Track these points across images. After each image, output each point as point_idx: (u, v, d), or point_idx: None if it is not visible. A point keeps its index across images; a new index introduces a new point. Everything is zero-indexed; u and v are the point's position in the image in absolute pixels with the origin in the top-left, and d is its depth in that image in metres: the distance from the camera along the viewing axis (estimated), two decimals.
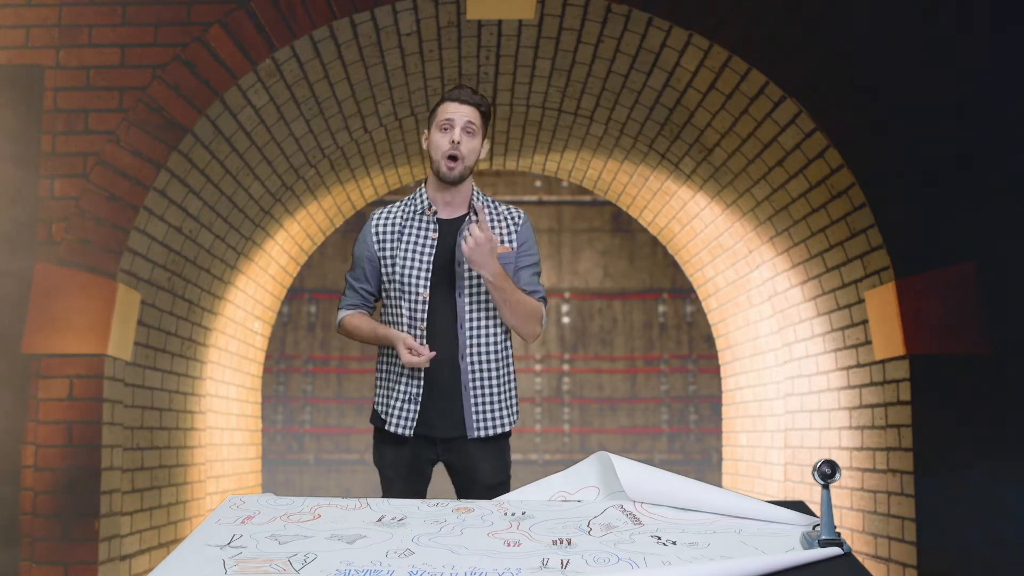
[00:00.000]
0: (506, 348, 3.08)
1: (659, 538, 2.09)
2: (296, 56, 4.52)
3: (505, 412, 3.06)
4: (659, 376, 10.49)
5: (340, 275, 10.48)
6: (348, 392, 10.45)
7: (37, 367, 4.20)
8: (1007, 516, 3.86)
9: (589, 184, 6.87)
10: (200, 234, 4.98)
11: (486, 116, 3.07)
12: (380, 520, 2.22)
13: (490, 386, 3.03)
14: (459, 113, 3.01)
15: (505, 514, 2.28)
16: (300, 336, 10.52)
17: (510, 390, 3.09)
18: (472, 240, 2.86)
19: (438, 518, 2.24)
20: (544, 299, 3.10)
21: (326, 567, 1.91)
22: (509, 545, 2.05)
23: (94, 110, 4.33)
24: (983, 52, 4.16)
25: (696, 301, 8.97)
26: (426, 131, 3.09)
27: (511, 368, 3.11)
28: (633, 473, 2.32)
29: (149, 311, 4.63)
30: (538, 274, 3.12)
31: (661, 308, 10.55)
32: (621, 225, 10.49)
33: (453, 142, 2.99)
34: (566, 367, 10.56)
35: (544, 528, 2.17)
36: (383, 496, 3.05)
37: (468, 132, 3.02)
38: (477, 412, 3.01)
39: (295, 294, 10.26)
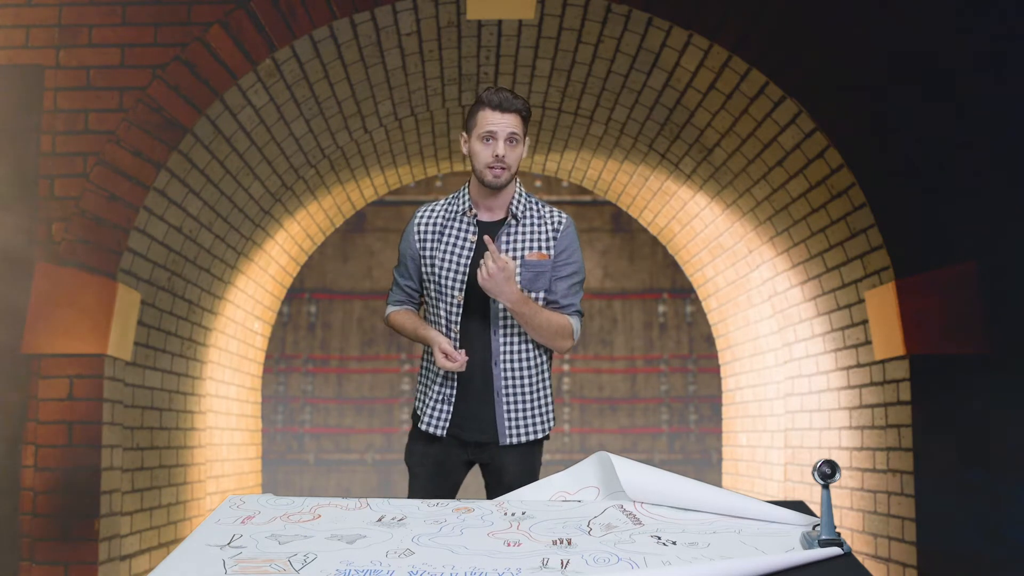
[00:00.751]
0: (541, 355, 3.03)
1: (659, 538, 2.09)
2: (296, 56, 4.52)
3: (539, 419, 3.02)
4: (659, 376, 10.49)
5: (340, 275, 10.49)
6: (348, 392, 10.45)
7: (37, 367, 4.20)
8: (1007, 516, 3.86)
9: (589, 184, 6.87)
10: (200, 234, 4.98)
11: (527, 119, 2.96)
12: (380, 520, 2.22)
13: (523, 393, 2.99)
14: (501, 124, 2.90)
15: (505, 514, 2.28)
16: (300, 336, 10.51)
17: (544, 397, 3.04)
18: (485, 271, 2.80)
19: (438, 518, 2.24)
20: (579, 312, 3.02)
21: (326, 567, 1.91)
22: (509, 545, 2.05)
23: (94, 110, 4.33)
24: (983, 52, 4.16)
25: (696, 301, 8.98)
26: (464, 133, 2.99)
27: (546, 375, 3.05)
28: (633, 473, 2.32)
29: (149, 311, 4.63)
30: (578, 283, 3.02)
31: (661, 308, 10.55)
32: (621, 225, 10.49)
33: (497, 156, 2.90)
34: (566, 367, 10.56)
35: (544, 528, 2.17)
36: (409, 494, 3.04)
37: (511, 142, 2.92)
38: (509, 419, 2.98)
39: (295, 294, 10.26)
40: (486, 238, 2.86)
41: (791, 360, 5.52)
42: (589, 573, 1.90)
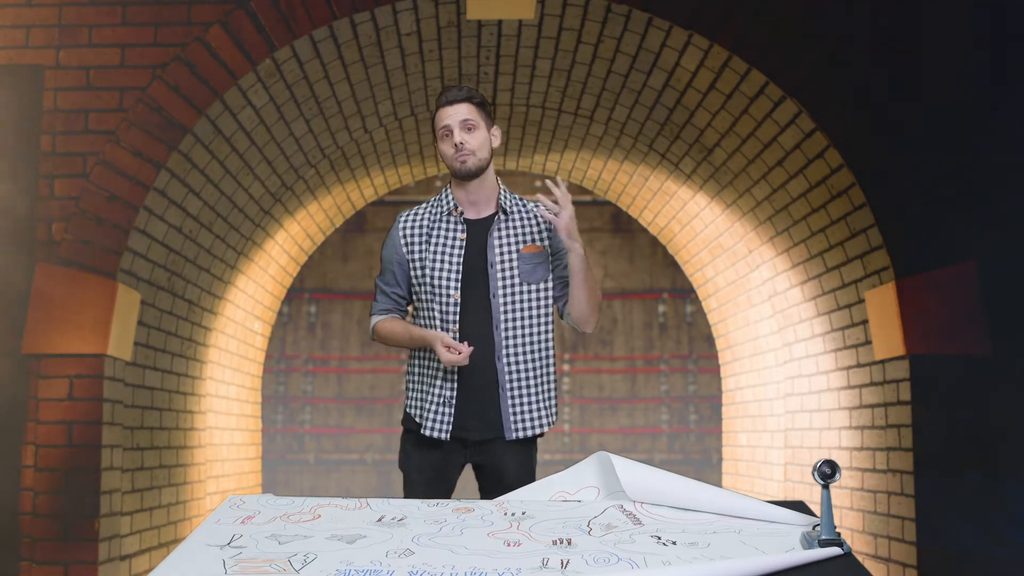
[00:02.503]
0: (547, 347, 3.04)
1: (659, 538, 2.09)
2: (296, 56, 4.52)
3: (543, 412, 3.02)
4: (659, 376, 10.49)
5: (340, 275, 10.49)
6: (348, 392, 10.45)
7: (37, 367, 4.20)
8: (1007, 516, 3.86)
9: (589, 184, 6.86)
10: (200, 234, 4.98)
11: (482, 105, 3.02)
12: (380, 520, 2.22)
13: (528, 386, 3.00)
14: (453, 115, 2.98)
15: (505, 514, 2.28)
16: (300, 336, 10.52)
17: (549, 390, 3.04)
18: (565, 214, 2.84)
19: (438, 518, 2.24)
20: None
21: (326, 567, 1.91)
22: (509, 545, 2.05)
23: (94, 110, 4.33)
24: (983, 52, 4.16)
25: (696, 301, 8.97)
26: (436, 143, 3.07)
27: (551, 368, 3.05)
28: (633, 473, 2.32)
29: (149, 311, 4.63)
30: None
31: (661, 308, 10.55)
32: (621, 225, 10.49)
33: (456, 145, 2.96)
34: (566, 367, 10.56)
35: (544, 528, 2.16)
36: (406, 497, 3.03)
37: (468, 128, 2.98)
38: (515, 413, 2.98)
39: (295, 294, 10.26)
40: (554, 181, 2.93)
41: (791, 360, 5.52)
42: (589, 573, 1.90)
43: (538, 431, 3.02)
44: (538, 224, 3.04)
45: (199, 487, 5.48)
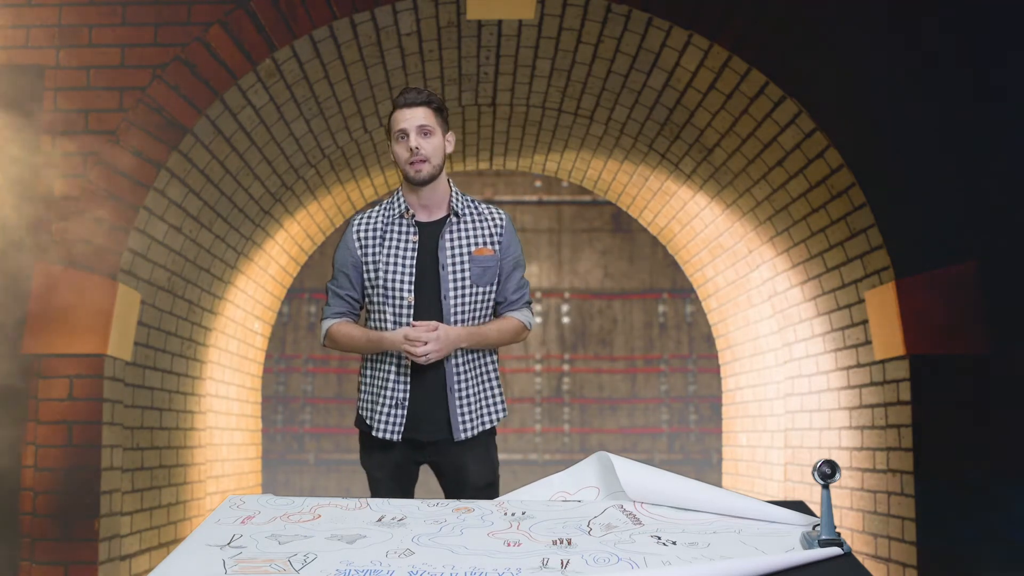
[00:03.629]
0: (493, 349, 3.10)
1: (659, 538, 2.09)
2: (296, 56, 4.52)
3: (489, 409, 3.06)
4: (659, 376, 10.49)
5: None
6: (348, 392, 10.45)
7: (37, 367, 4.20)
8: (1007, 516, 3.86)
9: (589, 184, 6.87)
10: (200, 234, 4.98)
11: (439, 110, 3.02)
12: (380, 520, 2.22)
13: (474, 385, 3.03)
14: (410, 119, 2.96)
15: (505, 514, 2.28)
16: (300, 336, 10.52)
17: (493, 387, 3.09)
18: (422, 349, 2.87)
19: (438, 518, 2.24)
20: (528, 303, 3.13)
21: (326, 567, 1.91)
22: (509, 545, 2.05)
23: (94, 110, 4.33)
24: (982, 52, 4.16)
25: (696, 301, 8.98)
26: (390, 143, 3.06)
27: (493, 365, 3.10)
28: (633, 473, 2.32)
29: (149, 311, 4.63)
30: (523, 276, 3.13)
31: (661, 308, 10.55)
32: (621, 225, 10.49)
33: (411, 150, 2.95)
34: (566, 367, 10.56)
35: (544, 528, 2.17)
36: (372, 496, 3.05)
37: (425, 134, 2.96)
38: (463, 413, 3.00)
39: (295, 294, 10.26)
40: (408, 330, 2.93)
41: (791, 360, 5.52)
42: (589, 573, 1.90)
43: (484, 427, 3.03)
44: (489, 228, 3.05)
45: (199, 487, 5.48)
